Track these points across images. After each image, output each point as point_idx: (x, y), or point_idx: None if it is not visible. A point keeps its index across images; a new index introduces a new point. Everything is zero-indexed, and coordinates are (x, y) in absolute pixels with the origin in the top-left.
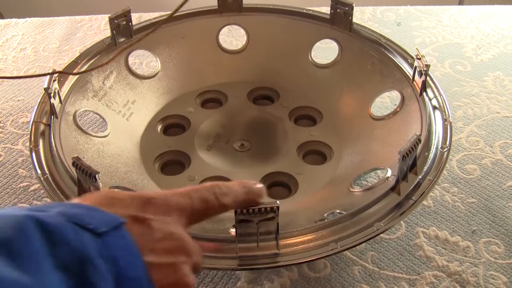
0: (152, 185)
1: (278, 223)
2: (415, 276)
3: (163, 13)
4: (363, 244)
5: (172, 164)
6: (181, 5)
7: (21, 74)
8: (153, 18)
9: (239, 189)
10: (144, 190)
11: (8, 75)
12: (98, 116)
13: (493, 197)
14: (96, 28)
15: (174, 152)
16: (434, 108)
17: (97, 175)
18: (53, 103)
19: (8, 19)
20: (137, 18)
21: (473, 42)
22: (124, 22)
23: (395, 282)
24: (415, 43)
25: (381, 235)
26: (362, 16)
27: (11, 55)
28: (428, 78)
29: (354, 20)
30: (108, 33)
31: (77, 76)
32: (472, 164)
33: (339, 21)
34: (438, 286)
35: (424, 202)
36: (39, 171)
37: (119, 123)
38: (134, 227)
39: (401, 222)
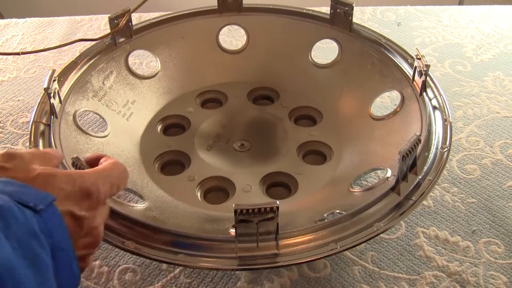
0: (152, 185)
1: (278, 223)
2: (415, 276)
3: (163, 13)
4: (363, 244)
5: (172, 164)
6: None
7: (21, 74)
8: (153, 18)
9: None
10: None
11: (8, 75)
12: (98, 116)
13: (493, 197)
14: (96, 28)
15: (174, 152)
16: (434, 108)
17: None
18: (53, 103)
19: (8, 19)
20: (137, 18)
21: (473, 42)
22: (124, 22)
23: (395, 282)
24: (415, 43)
25: (381, 235)
26: (362, 16)
27: None
28: (428, 78)
29: (354, 20)
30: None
31: (77, 76)
32: (472, 164)
33: (339, 21)
34: (438, 286)
35: (424, 202)
36: None
37: (119, 123)
38: (52, 185)
39: (401, 222)
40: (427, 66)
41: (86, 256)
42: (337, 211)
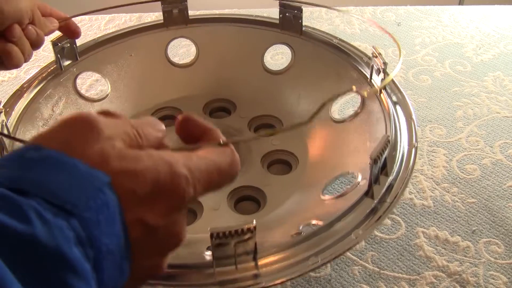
0: None
1: (256, 243)
2: (415, 276)
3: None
4: (363, 243)
5: None
6: None
7: (21, 74)
8: (98, 37)
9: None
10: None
11: (8, 75)
12: None
13: (493, 197)
14: (96, 28)
15: None
16: (395, 104)
17: None
18: (1, 137)
19: None
20: (137, 18)
21: (473, 42)
22: (68, 45)
23: (395, 282)
24: (415, 43)
25: (381, 235)
26: (362, 16)
27: None
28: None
29: (355, 21)
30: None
31: (24, 105)
32: (472, 164)
33: (289, 25)
34: (438, 286)
35: (424, 202)
36: None
37: None
38: (124, 185)
39: (401, 222)
40: (385, 64)
41: (156, 265)
42: (313, 221)
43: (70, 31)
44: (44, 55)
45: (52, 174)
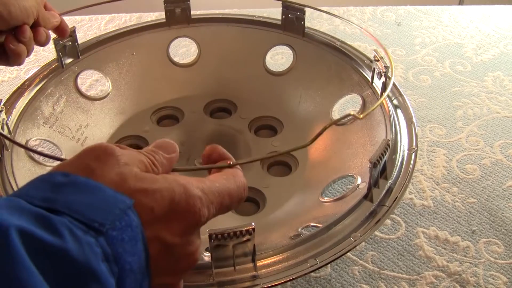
0: None
1: (254, 245)
2: (415, 276)
3: (162, 13)
4: (363, 244)
5: None
6: None
7: (21, 74)
8: (100, 36)
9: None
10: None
11: (8, 75)
12: (50, 146)
13: (493, 197)
14: (96, 28)
15: None
16: (396, 107)
17: None
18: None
19: None
20: (137, 18)
21: (473, 42)
22: (70, 43)
23: (395, 282)
24: (415, 43)
25: (381, 235)
26: (362, 16)
27: None
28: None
29: (355, 20)
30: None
31: (25, 103)
32: (472, 164)
33: (291, 26)
34: (438, 286)
35: (424, 202)
36: None
37: (73, 150)
38: (141, 202)
39: (401, 222)
40: (386, 67)
41: (172, 284)
42: (312, 224)
43: (60, 30)
44: (44, 55)
45: (80, 196)
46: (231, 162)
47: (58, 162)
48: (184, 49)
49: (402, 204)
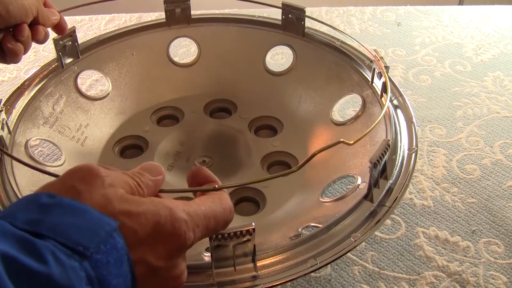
0: None
1: (254, 245)
2: (415, 276)
3: (162, 13)
4: (363, 244)
5: None
6: None
7: (21, 74)
8: (100, 35)
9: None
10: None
11: (8, 75)
12: (50, 146)
13: (493, 197)
14: (96, 28)
15: None
16: (396, 107)
17: None
18: (1, 135)
19: None
20: (137, 18)
21: (473, 42)
22: (70, 43)
23: (395, 282)
24: (415, 43)
25: (381, 235)
26: (362, 16)
27: None
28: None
29: (355, 21)
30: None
31: (25, 103)
32: (472, 164)
33: (291, 26)
34: (438, 286)
35: (424, 202)
36: None
37: (73, 150)
38: (126, 224)
39: (401, 222)
40: (387, 67)
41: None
42: (312, 224)
43: (59, 27)
44: (44, 55)
45: (65, 218)
46: (216, 186)
47: (57, 163)
48: (184, 49)
49: (402, 204)
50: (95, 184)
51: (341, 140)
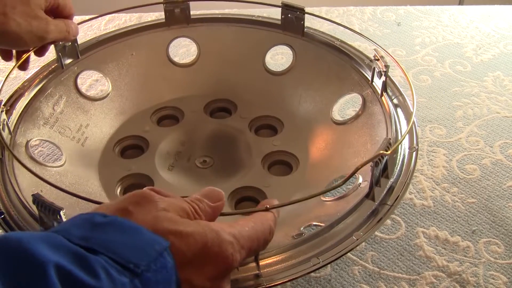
0: None
1: None
2: (415, 276)
3: (162, 14)
4: (363, 244)
5: (134, 188)
6: None
7: (21, 74)
8: (99, 36)
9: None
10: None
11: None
12: (51, 146)
13: (493, 197)
14: (96, 28)
15: (135, 175)
16: (396, 106)
17: (61, 211)
18: (1, 137)
19: None
20: (137, 18)
21: (473, 42)
22: (70, 43)
23: (395, 282)
24: (415, 43)
25: (381, 235)
26: (362, 16)
27: None
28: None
29: (355, 21)
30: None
31: (25, 103)
32: (472, 164)
33: (291, 26)
34: (438, 286)
35: (424, 202)
36: None
37: (74, 150)
38: (174, 244)
39: (401, 222)
40: (387, 66)
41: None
42: (314, 223)
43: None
44: (44, 56)
45: (118, 236)
46: (267, 206)
47: (58, 164)
48: (184, 49)
49: (402, 204)
50: (148, 207)
51: (381, 152)
